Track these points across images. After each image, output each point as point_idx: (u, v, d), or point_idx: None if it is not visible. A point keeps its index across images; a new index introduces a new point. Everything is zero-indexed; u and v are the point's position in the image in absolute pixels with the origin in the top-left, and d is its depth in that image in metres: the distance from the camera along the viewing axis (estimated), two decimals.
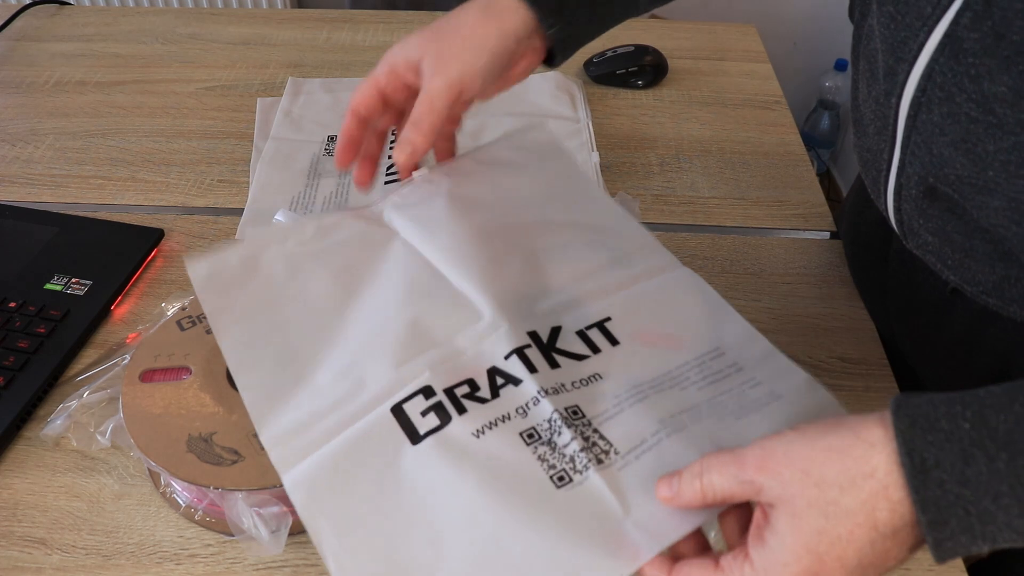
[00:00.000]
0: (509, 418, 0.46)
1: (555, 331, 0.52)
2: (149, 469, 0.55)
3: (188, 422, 0.53)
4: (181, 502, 0.54)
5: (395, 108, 0.57)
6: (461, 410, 0.47)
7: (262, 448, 0.51)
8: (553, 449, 0.45)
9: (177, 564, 0.51)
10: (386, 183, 0.78)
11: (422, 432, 0.46)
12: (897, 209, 0.55)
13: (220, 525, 0.52)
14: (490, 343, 0.50)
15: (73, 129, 0.88)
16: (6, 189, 0.80)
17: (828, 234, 0.78)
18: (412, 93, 0.55)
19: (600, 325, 0.52)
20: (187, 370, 0.56)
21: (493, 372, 0.49)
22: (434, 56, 0.53)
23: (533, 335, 0.51)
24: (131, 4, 1.78)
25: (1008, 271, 0.50)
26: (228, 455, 0.51)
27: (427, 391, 0.47)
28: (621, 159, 0.86)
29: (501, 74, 0.56)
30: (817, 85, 2.11)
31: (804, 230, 0.78)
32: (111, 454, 0.57)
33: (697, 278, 0.56)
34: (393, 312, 0.52)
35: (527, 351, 0.50)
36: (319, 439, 0.46)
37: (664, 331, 0.52)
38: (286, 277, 0.54)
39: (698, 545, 0.42)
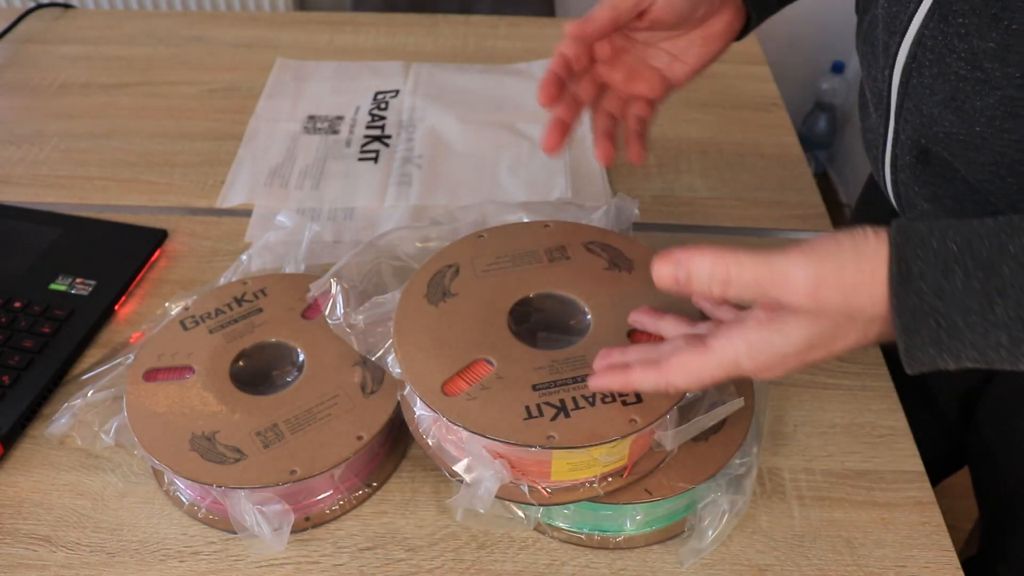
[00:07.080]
0: None
1: None
2: (153, 467, 0.55)
3: (191, 421, 0.53)
4: (184, 500, 0.54)
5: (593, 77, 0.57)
6: None
7: (264, 447, 0.52)
8: None
9: (180, 561, 0.52)
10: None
11: None
12: (894, 181, 0.57)
13: (223, 523, 0.53)
14: None
15: (78, 131, 0.88)
16: (12, 190, 0.80)
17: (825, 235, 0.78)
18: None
19: None
20: (190, 369, 0.57)
21: None
22: None
23: None
24: (135, 7, 1.78)
25: None
26: (231, 453, 0.51)
27: None
28: (620, 160, 0.86)
29: (693, 13, 0.54)
30: (814, 87, 2.11)
31: (802, 231, 0.78)
32: (115, 452, 0.57)
33: None
34: None
35: None
36: None
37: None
38: None
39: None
